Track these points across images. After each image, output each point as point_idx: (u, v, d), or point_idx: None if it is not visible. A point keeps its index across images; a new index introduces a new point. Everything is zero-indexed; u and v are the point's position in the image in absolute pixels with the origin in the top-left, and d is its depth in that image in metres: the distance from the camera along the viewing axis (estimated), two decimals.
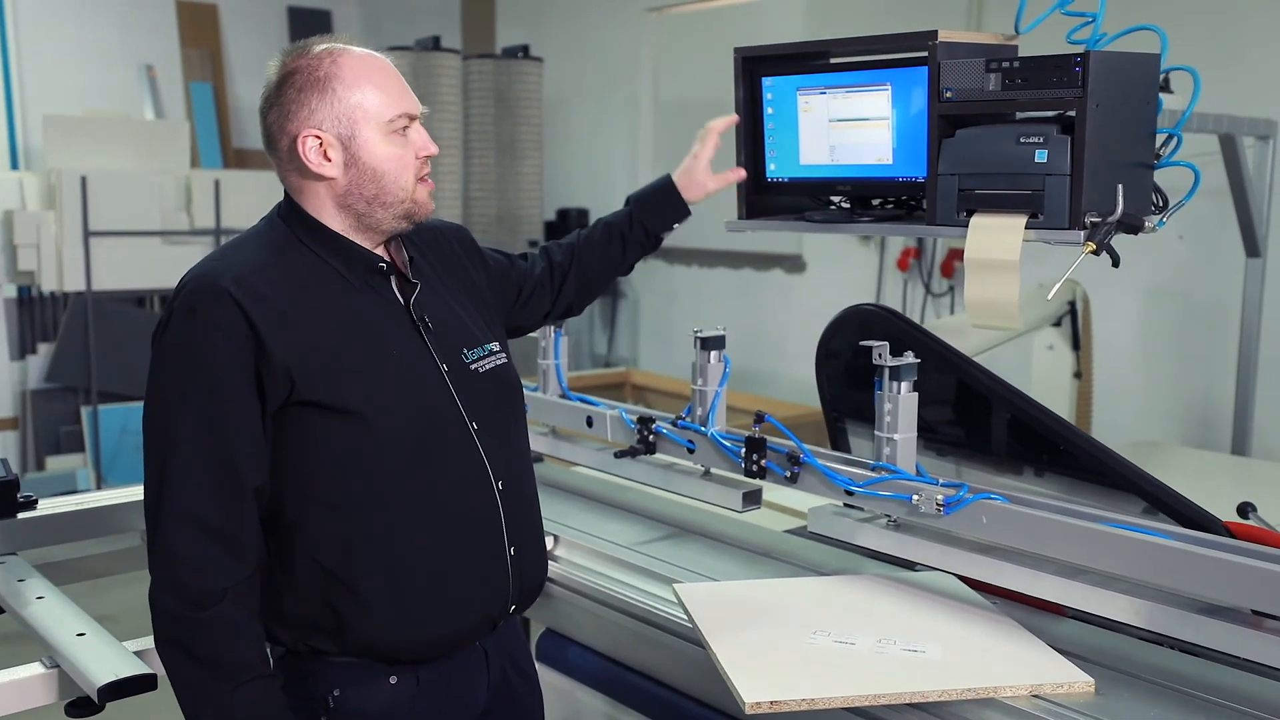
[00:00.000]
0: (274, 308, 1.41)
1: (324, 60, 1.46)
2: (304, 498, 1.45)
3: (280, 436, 1.43)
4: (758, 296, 5.67)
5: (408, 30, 6.64)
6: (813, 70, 2.01)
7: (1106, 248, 1.69)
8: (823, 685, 1.49)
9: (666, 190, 2.01)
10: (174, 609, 1.40)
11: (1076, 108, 1.65)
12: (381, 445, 1.45)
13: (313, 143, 1.46)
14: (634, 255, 2.02)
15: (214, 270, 1.44)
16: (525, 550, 1.60)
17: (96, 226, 5.68)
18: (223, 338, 1.38)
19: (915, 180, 1.89)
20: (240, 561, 1.41)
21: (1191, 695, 1.51)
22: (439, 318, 1.58)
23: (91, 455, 5.73)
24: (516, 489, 1.59)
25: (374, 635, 1.47)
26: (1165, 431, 4.14)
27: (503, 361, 1.64)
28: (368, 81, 1.46)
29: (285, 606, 1.48)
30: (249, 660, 1.42)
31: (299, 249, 1.50)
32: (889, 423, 1.83)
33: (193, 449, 1.38)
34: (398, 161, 1.47)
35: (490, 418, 1.57)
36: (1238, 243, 3.39)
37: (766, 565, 2.06)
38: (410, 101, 1.49)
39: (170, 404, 1.40)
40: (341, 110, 1.45)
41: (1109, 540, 1.56)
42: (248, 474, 1.40)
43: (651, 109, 6.29)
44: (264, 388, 1.39)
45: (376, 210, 1.48)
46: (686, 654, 1.79)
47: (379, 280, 1.53)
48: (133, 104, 7.09)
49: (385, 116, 1.46)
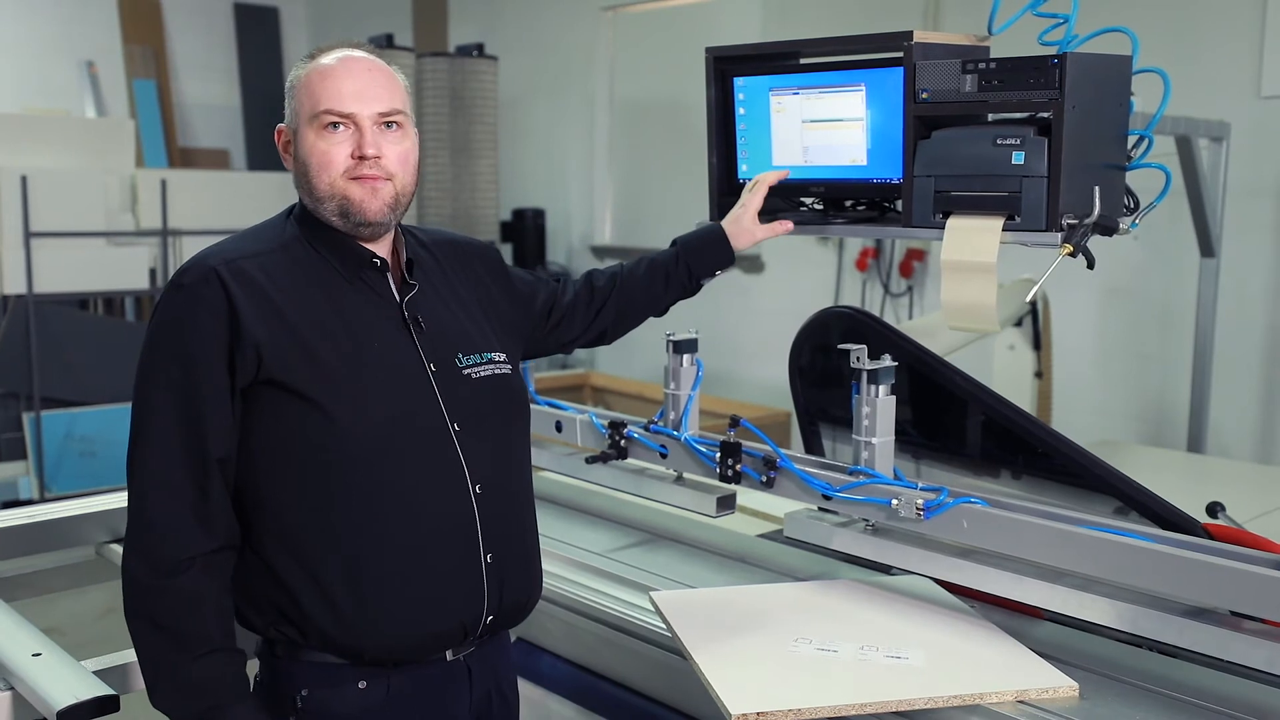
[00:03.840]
0: (258, 291, 1.46)
1: (308, 63, 1.56)
2: (271, 481, 1.47)
3: (249, 415, 1.46)
4: (716, 297, 5.64)
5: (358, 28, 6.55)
6: (786, 70, 1.99)
7: (1083, 250, 1.69)
8: (808, 695, 1.47)
9: (716, 236, 1.98)
10: (141, 576, 1.43)
11: (1053, 109, 1.65)
12: (347, 436, 1.45)
13: (283, 139, 1.57)
14: (674, 296, 2.01)
15: (211, 253, 1.50)
16: (507, 560, 1.57)
17: (37, 227, 5.52)
18: (204, 313, 1.44)
19: (890, 182, 1.87)
20: (208, 533, 1.44)
21: (1173, 698, 1.51)
22: (436, 320, 1.59)
23: (34, 463, 5.56)
24: (500, 496, 1.56)
25: (333, 628, 1.47)
26: (1123, 430, 4.19)
27: (504, 371, 1.64)
28: (319, 80, 1.51)
29: (254, 588, 1.50)
30: (209, 633, 1.43)
31: (299, 243, 1.55)
32: (867, 426, 1.81)
33: (165, 418, 1.44)
34: (321, 155, 1.51)
35: (477, 422, 1.55)
36: (1192, 243, 3.44)
37: (742, 571, 2.04)
38: (349, 101, 1.50)
39: (150, 373, 1.46)
40: (294, 105, 1.54)
41: (1090, 543, 1.56)
42: (214, 444, 1.44)
43: (608, 108, 6.26)
44: (234, 364, 1.44)
45: (316, 206, 1.53)
46: (662, 662, 1.76)
47: (373, 276, 1.56)
48: (73, 101, 6.91)
49: (313, 109, 1.51)
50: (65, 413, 5.67)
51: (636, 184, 6.22)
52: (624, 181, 6.29)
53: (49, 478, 5.55)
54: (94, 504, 2.20)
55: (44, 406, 5.61)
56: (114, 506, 2.18)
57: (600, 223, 6.37)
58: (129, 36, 7.27)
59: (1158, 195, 1.83)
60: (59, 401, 5.67)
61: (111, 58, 7.18)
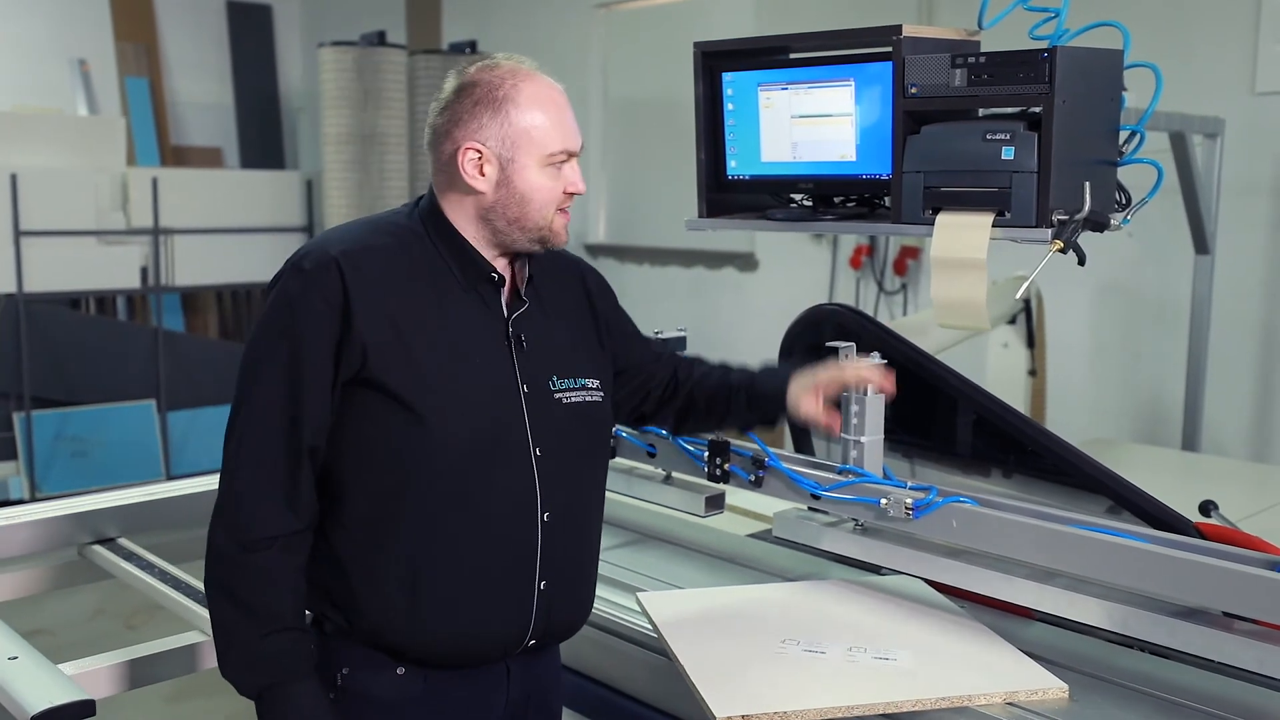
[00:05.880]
0: (373, 286, 1.47)
1: (506, 80, 1.51)
2: (350, 473, 1.49)
3: (344, 409, 1.48)
4: (710, 295, 5.65)
5: (351, 25, 6.52)
6: (774, 66, 1.97)
7: (1074, 246, 1.67)
8: (794, 697, 1.45)
9: (778, 396, 1.78)
10: (224, 548, 1.45)
11: (1044, 104, 1.63)
12: (431, 445, 1.47)
13: (472, 155, 1.51)
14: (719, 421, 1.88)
15: (331, 239, 1.52)
16: (560, 587, 1.56)
17: (28, 226, 5.49)
18: (319, 300, 1.45)
19: (879, 178, 1.85)
20: (295, 516, 1.46)
21: (1164, 699, 1.50)
22: (539, 340, 1.58)
23: (24, 463, 5.54)
24: (567, 524, 1.56)
25: (381, 625, 1.49)
26: (1117, 428, 4.18)
27: (595, 399, 1.62)
28: (540, 112, 1.51)
29: (312, 569, 1.52)
30: (282, 611, 1.46)
31: (423, 243, 1.55)
32: (855, 425, 1.79)
33: (268, 400, 1.46)
34: (547, 192, 1.52)
35: (559, 448, 1.55)
36: (1187, 240, 3.42)
37: (731, 571, 2.02)
38: (574, 139, 1.55)
39: (259, 353, 1.49)
40: (508, 132, 1.50)
41: (1080, 543, 1.54)
42: (308, 434, 1.46)
43: (600, 106, 6.23)
44: (340, 357, 1.45)
45: (514, 231, 1.53)
46: (649, 663, 1.74)
47: (488, 289, 1.56)
48: (65, 99, 6.88)
49: (547, 149, 1.51)
50: (56, 412, 5.65)
51: (630, 182, 6.20)
52: (618, 179, 6.27)
53: (40, 478, 5.53)
54: (78, 504, 2.17)
55: (34, 406, 5.59)
56: (97, 508, 2.15)
57: (594, 221, 6.35)
58: (121, 34, 7.23)
59: (1149, 191, 1.81)
60: (50, 401, 5.65)
61: (104, 56, 7.14)
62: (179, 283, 6.04)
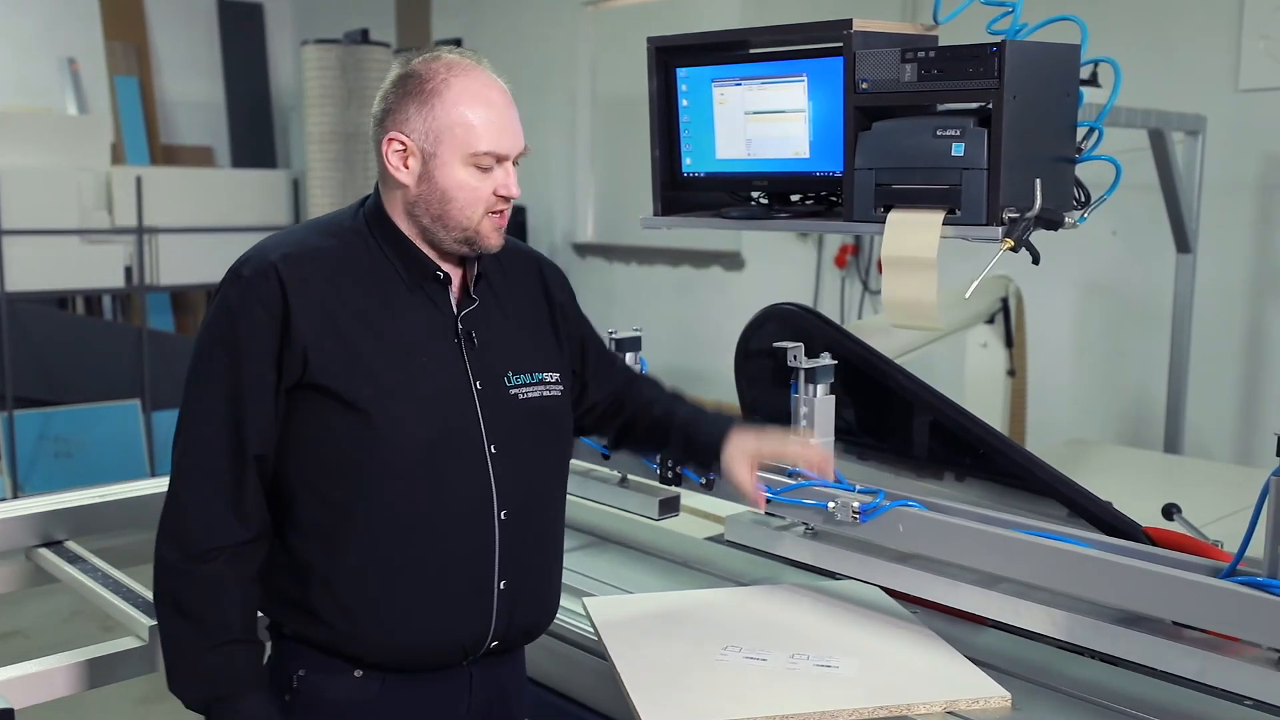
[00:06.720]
0: (314, 290, 1.45)
1: (439, 74, 1.47)
2: (302, 479, 1.47)
3: (291, 414, 1.46)
4: (696, 294, 5.61)
5: (342, 23, 6.49)
6: (728, 61, 1.94)
7: (1025, 244, 1.64)
8: (729, 706, 1.42)
9: (714, 449, 1.69)
10: (171, 559, 1.44)
11: (993, 99, 1.60)
12: (381, 445, 1.45)
13: (396, 146, 1.48)
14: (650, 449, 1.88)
15: (272, 244, 1.50)
16: (522, 588, 1.53)
17: (10, 225, 5.47)
18: (258, 307, 1.43)
19: (833, 175, 1.82)
20: (242, 525, 1.45)
21: (1110, 708, 1.46)
22: (491, 337, 1.55)
23: (7, 463, 5.52)
24: (526, 522, 1.53)
25: (337, 629, 1.47)
26: (1099, 429, 4.13)
27: (553, 394, 1.59)
28: (469, 109, 1.46)
29: (269, 572, 1.50)
30: (231, 623, 1.44)
31: (367, 242, 1.52)
32: (805, 426, 1.76)
33: (211, 410, 1.45)
34: (470, 191, 1.48)
35: (515, 445, 1.52)
36: (1169, 238, 3.38)
37: (685, 576, 1.99)
38: (507, 143, 1.49)
39: (201, 363, 1.47)
40: (432, 126, 1.46)
41: (1025, 549, 1.51)
42: (253, 442, 1.44)
43: (589, 104, 6.20)
44: (282, 363, 1.44)
45: (439, 229, 1.50)
46: (599, 670, 1.71)
47: (434, 287, 1.53)
48: (54, 98, 6.86)
49: (471, 148, 1.46)
50: (39, 412, 5.63)
51: (619, 181, 6.16)
52: (606, 178, 6.24)
53: (22, 478, 5.51)
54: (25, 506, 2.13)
55: (17, 406, 5.57)
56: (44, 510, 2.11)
57: (583, 220, 6.32)
58: (111, 33, 7.21)
59: (1107, 189, 1.77)
60: (33, 401, 5.63)
61: (93, 54, 7.12)
62: (164, 282, 6.01)
